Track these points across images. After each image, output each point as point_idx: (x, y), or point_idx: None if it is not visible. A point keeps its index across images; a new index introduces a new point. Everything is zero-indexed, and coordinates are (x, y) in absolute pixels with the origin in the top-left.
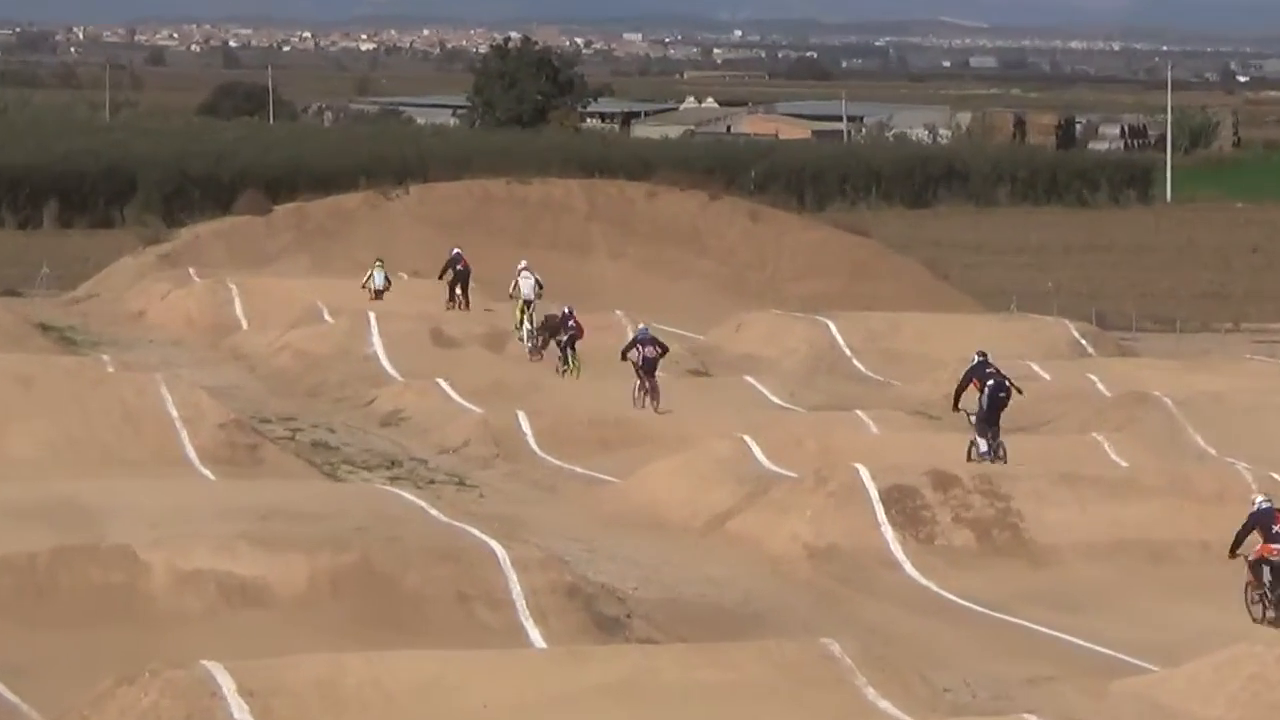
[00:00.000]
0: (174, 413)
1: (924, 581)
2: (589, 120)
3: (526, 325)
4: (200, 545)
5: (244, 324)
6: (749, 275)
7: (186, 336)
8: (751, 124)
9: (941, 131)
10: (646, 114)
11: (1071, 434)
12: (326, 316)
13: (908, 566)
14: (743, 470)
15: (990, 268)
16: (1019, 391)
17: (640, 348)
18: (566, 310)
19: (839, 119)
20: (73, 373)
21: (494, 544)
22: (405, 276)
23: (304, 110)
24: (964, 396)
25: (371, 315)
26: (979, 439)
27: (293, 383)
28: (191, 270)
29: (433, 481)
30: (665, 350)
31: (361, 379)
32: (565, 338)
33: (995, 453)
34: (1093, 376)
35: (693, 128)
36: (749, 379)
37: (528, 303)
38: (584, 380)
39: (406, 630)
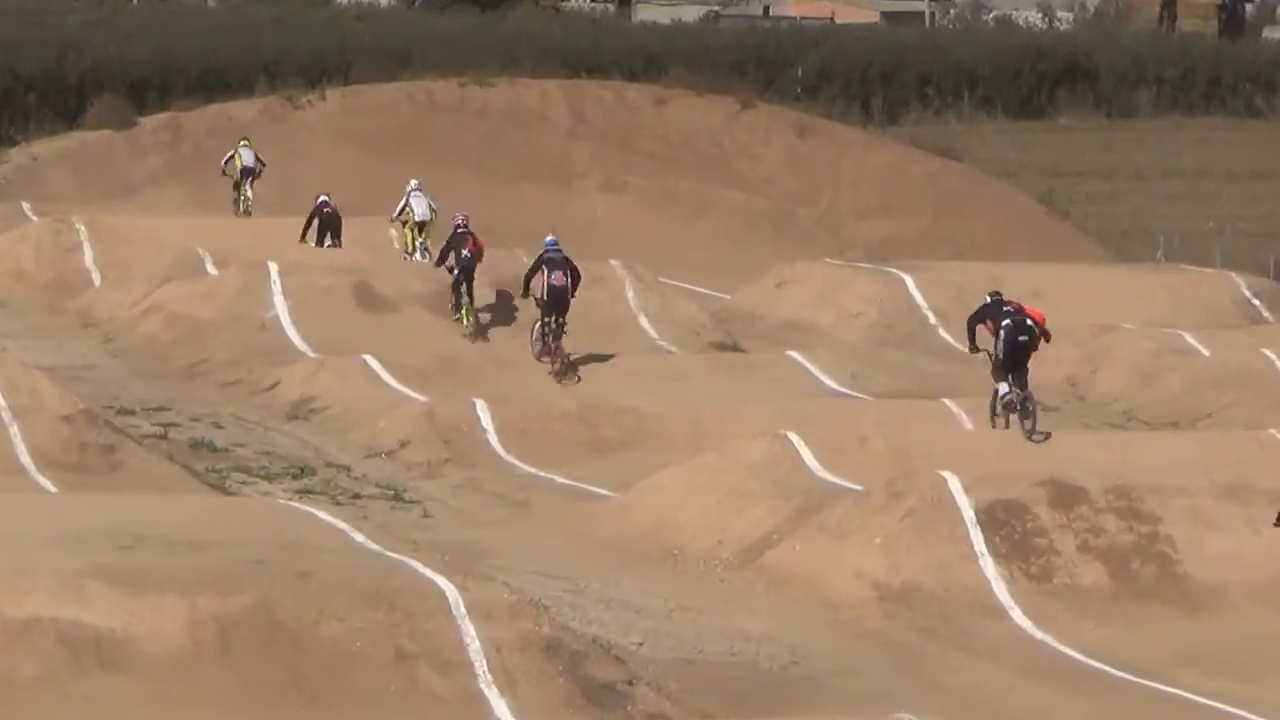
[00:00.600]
0: (0, 401)
1: (1039, 634)
2: None
3: (420, 243)
4: (36, 584)
5: (97, 279)
6: (795, 212)
7: (17, 296)
8: (798, 3)
9: (1060, 14)
10: None
11: (1241, 430)
12: (210, 268)
13: (1016, 613)
14: (787, 481)
15: (1127, 200)
16: (1046, 339)
17: (545, 272)
18: (459, 220)
19: None
20: None
21: (443, 583)
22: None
23: None
24: (978, 335)
25: (272, 267)
26: (999, 384)
27: (164, 360)
28: (25, 205)
29: (358, 496)
30: (578, 279)
31: (259, 354)
32: (453, 264)
33: (1025, 408)
34: (1270, 353)
35: (716, 8)
36: (795, 355)
37: (421, 224)
38: (569, 356)
39: (323, 702)
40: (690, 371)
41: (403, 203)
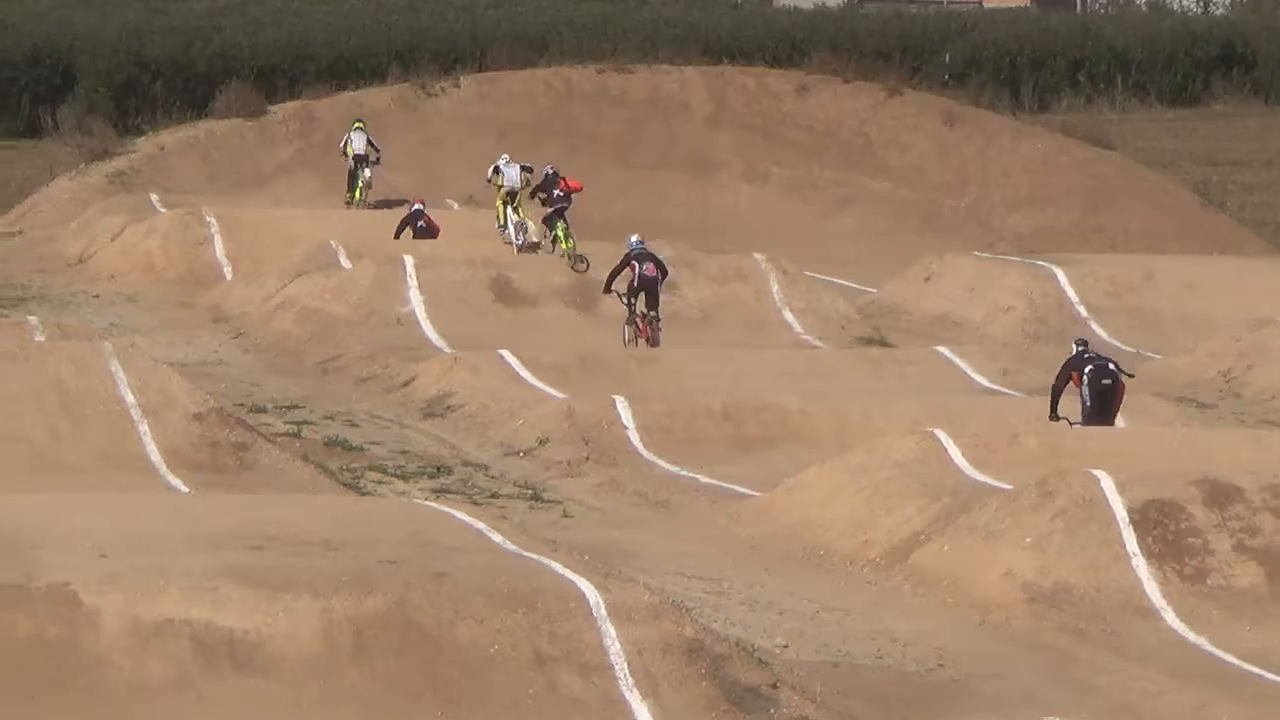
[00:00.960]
0: (130, 398)
1: (1193, 637)
2: None
3: (513, 216)
4: (169, 585)
5: (228, 272)
6: (943, 203)
7: (147, 290)
8: None
9: None
10: None
11: None
12: (344, 261)
13: (1169, 615)
14: (935, 479)
15: None
16: (1129, 376)
17: (635, 266)
18: (550, 170)
19: None
20: None
21: (584, 584)
22: (455, 205)
23: None
24: (1062, 398)
25: (408, 260)
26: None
27: (297, 356)
28: (154, 197)
29: (496, 495)
30: (666, 273)
31: (395, 350)
32: (551, 204)
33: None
34: None
35: None
36: (943, 350)
37: (512, 193)
38: (708, 349)
39: (460, 705)
40: (836, 367)
41: (492, 168)
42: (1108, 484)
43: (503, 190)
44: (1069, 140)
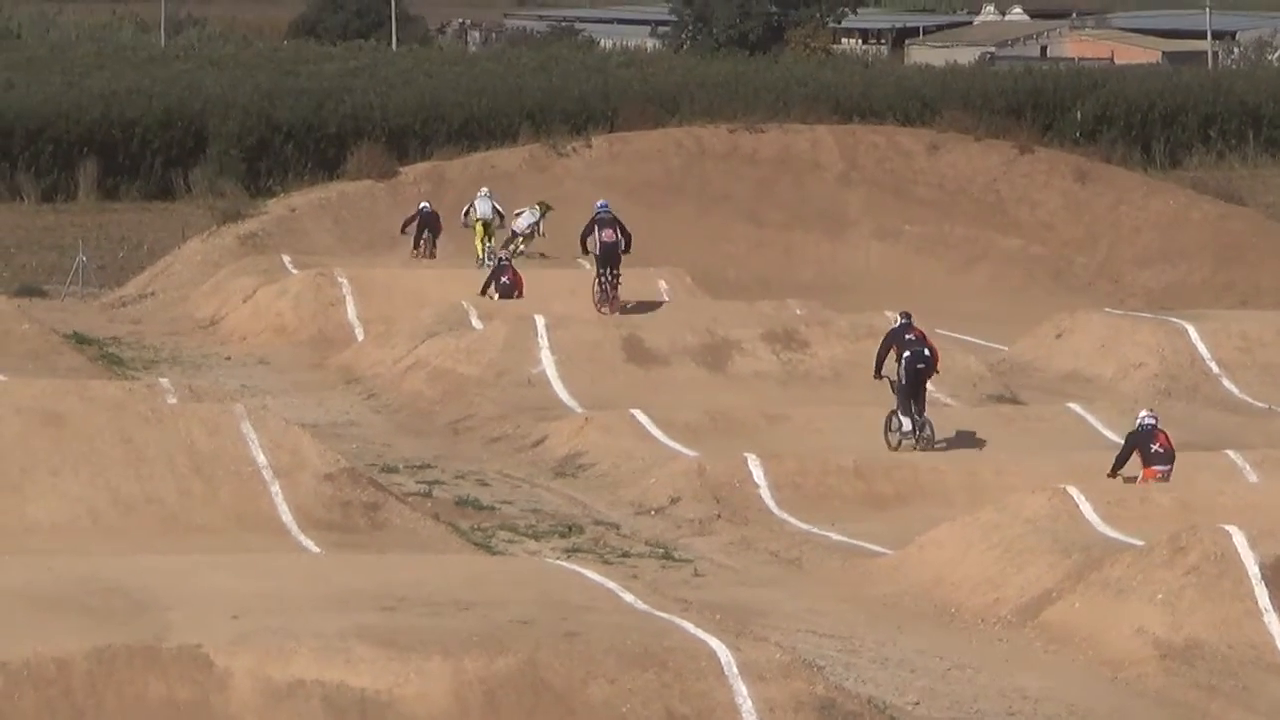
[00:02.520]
0: (262, 459)
1: None
2: (844, 41)
3: (487, 245)
4: (301, 646)
5: (359, 333)
6: (1074, 259)
7: (279, 352)
8: (1076, 44)
9: None
10: (926, 30)
11: None
12: (475, 322)
13: None
14: (1067, 536)
15: None
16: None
17: (597, 230)
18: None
19: (1202, 35)
20: (119, 404)
21: (715, 643)
22: (587, 266)
23: (440, 29)
24: (885, 364)
25: (540, 321)
26: (899, 415)
27: (428, 416)
28: (285, 259)
29: (627, 554)
30: (629, 237)
31: (525, 410)
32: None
33: (920, 431)
34: None
35: (992, 50)
36: (1074, 407)
37: (486, 223)
38: (840, 406)
39: None
40: (968, 424)
41: (468, 206)
42: (1239, 539)
43: (478, 223)
44: (1200, 196)
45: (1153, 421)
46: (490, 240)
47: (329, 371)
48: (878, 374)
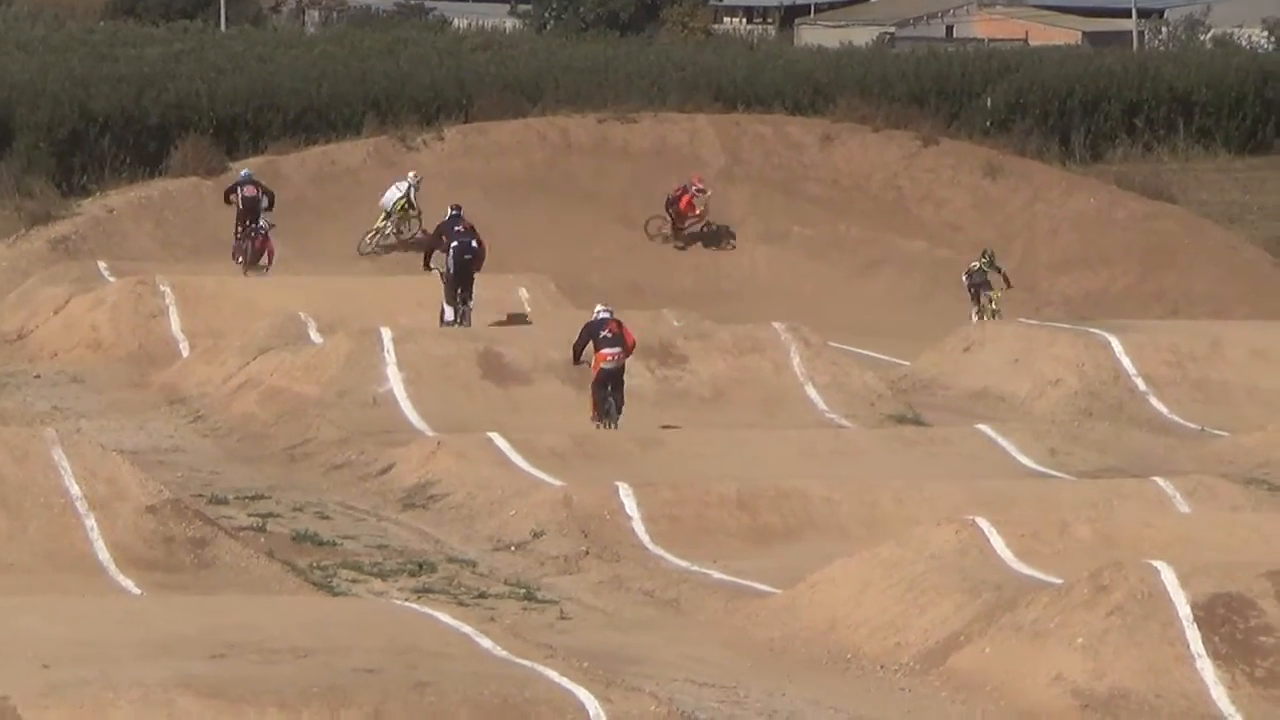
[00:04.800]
0: (75, 490)
1: None
2: (727, 20)
3: (383, 226)
4: (119, 699)
5: (184, 349)
6: None
7: (95, 369)
8: (986, 23)
9: None
10: (818, 8)
11: None
12: (314, 335)
13: None
14: (977, 574)
15: None
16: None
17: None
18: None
19: (1126, 14)
20: None
21: (583, 694)
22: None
23: (275, 8)
24: (435, 256)
25: (386, 334)
26: (446, 306)
27: (262, 441)
28: (101, 265)
29: (485, 595)
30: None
31: (371, 434)
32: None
33: (461, 321)
34: None
35: (892, 30)
36: (985, 429)
37: (388, 214)
38: (721, 429)
39: None
40: (865, 448)
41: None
42: (1169, 577)
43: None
44: (1125, 193)
45: (607, 314)
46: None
47: (150, 391)
48: (427, 266)
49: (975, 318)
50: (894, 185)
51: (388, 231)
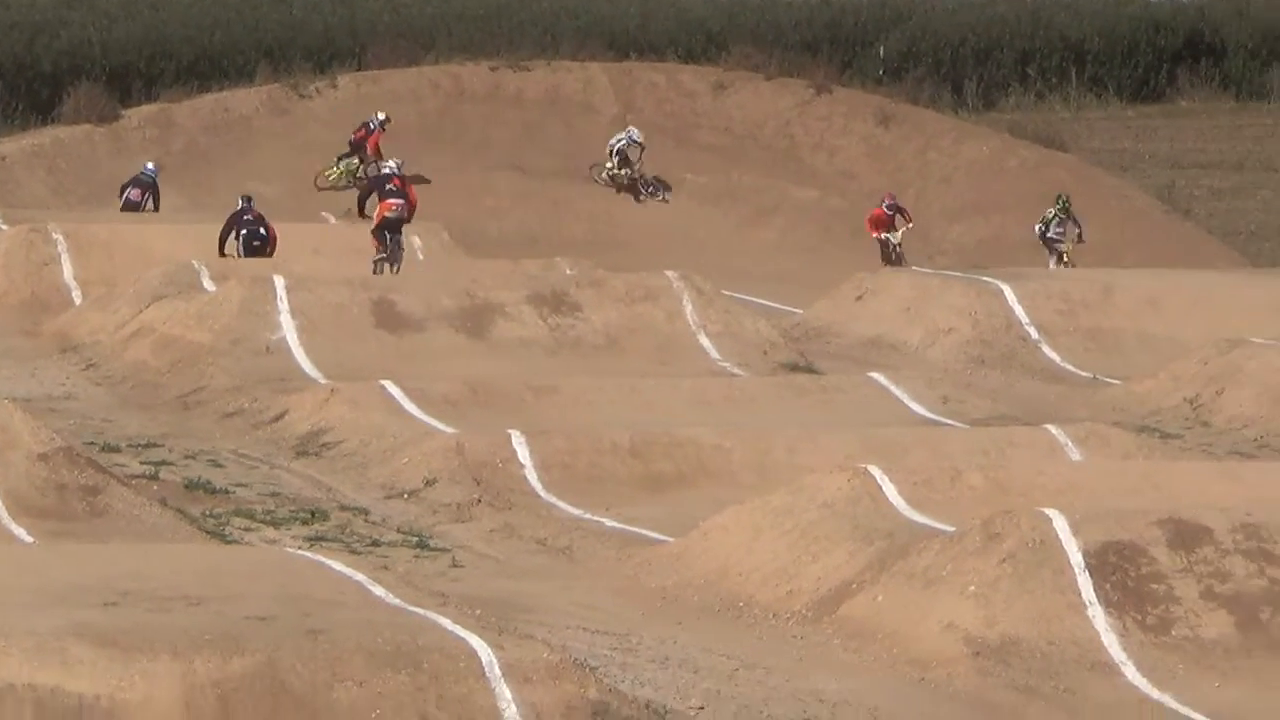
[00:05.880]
0: None
1: (1155, 694)
2: None
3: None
4: (11, 646)
5: (76, 296)
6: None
7: None
8: None
9: None
10: None
11: None
12: (207, 283)
13: (1129, 670)
14: (869, 522)
15: (1258, 195)
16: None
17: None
18: (393, 166)
19: None
20: None
21: (476, 641)
22: (331, 219)
23: None
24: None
25: (279, 282)
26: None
27: (155, 389)
28: None
29: (377, 543)
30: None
31: (264, 382)
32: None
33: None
34: None
35: None
36: (877, 377)
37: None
38: (614, 378)
39: None
40: (758, 396)
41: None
42: (1061, 524)
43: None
44: (1017, 141)
45: (391, 169)
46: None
47: (43, 339)
48: (221, 252)
49: (1052, 266)
50: (786, 133)
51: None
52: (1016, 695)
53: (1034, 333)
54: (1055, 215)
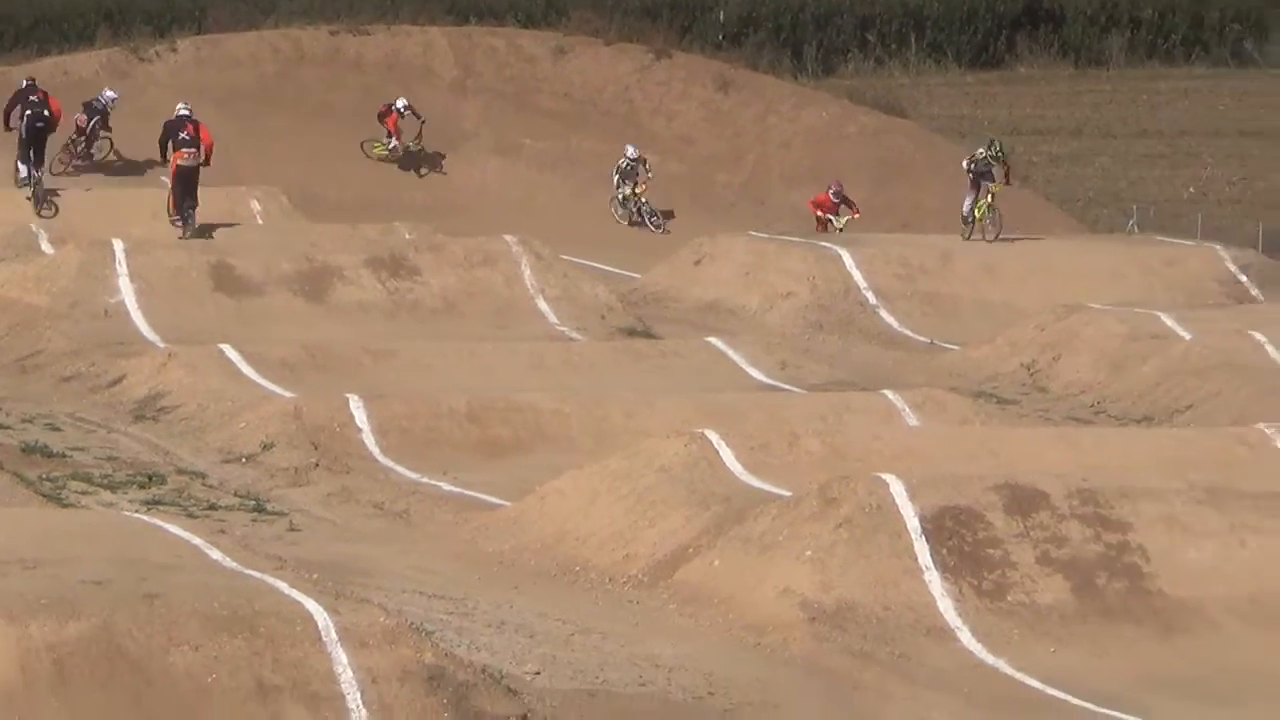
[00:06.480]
0: None
1: (991, 659)
2: None
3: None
4: None
5: None
6: (715, 177)
7: None
8: None
9: None
10: None
11: (1225, 425)
12: (45, 246)
13: (965, 635)
14: (706, 486)
15: (1096, 162)
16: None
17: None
18: (185, 111)
19: None
20: None
21: (312, 605)
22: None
23: None
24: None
25: (118, 245)
26: (20, 165)
27: None
28: None
29: (215, 507)
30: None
31: (102, 345)
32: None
33: (33, 185)
34: (1259, 335)
35: None
36: (715, 342)
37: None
38: (452, 341)
39: None
40: (595, 361)
41: None
42: (898, 489)
43: None
44: (856, 107)
45: (186, 113)
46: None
47: None
48: (6, 126)
49: (970, 208)
50: (626, 98)
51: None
52: (852, 660)
53: (872, 298)
54: (986, 156)
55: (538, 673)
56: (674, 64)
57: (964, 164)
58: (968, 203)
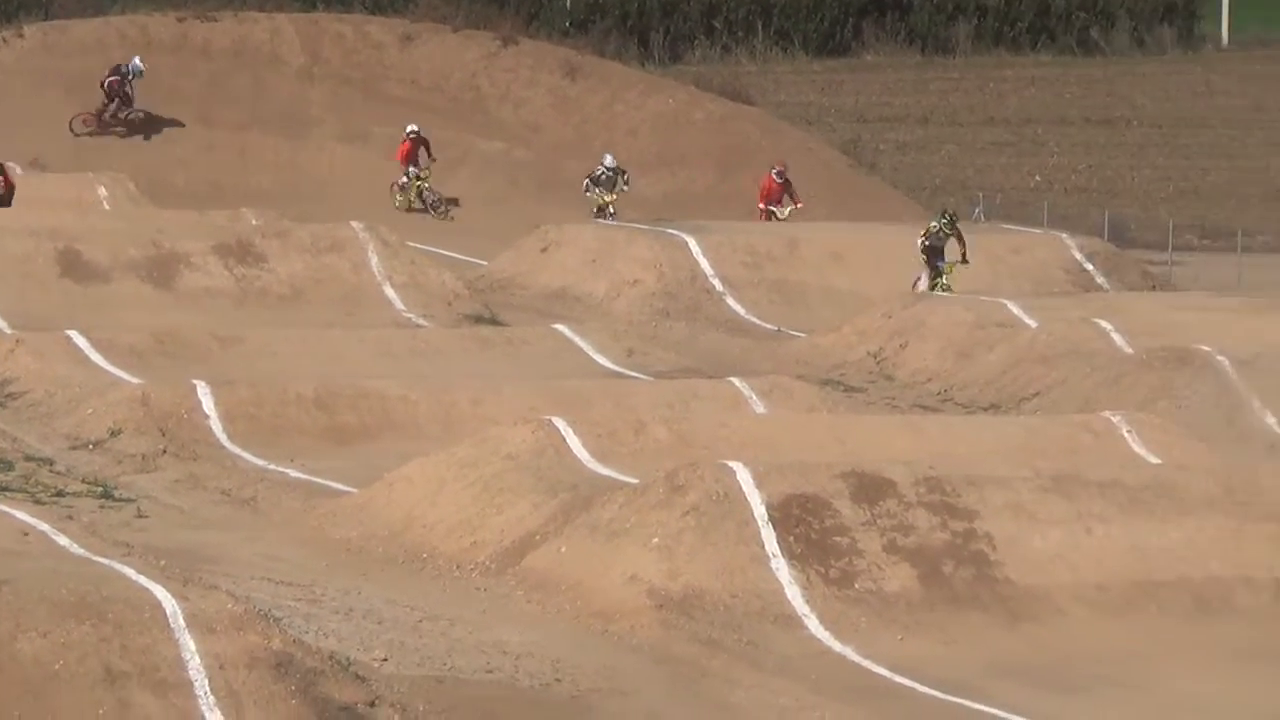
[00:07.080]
0: None
1: (839, 647)
2: None
3: None
4: None
5: None
6: (563, 165)
7: None
8: None
9: None
10: None
11: (1071, 413)
12: None
13: (812, 623)
14: (553, 474)
15: (942, 150)
16: None
17: None
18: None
19: None
20: None
21: (160, 591)
22: (18, 170)
23: None
24: None
25: None
26: None
27: None
28: None
29: (62, 493)
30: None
31: None
32: None
33: None
34: (1104, 323)
35: None
36: (562, 329)
37: None
38: (299, 328)
39: None
40: (442, 348)
41: None
42: (744, 477)
43: None
44: (703, 94)
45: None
46: None
47: None
48: None
49: (923, 286)
50: (473, 85)
51: None
52: (699, 647)
53: (719, 285)
54: (939, 229)
55: (385, 659)
56: (521, 51)
57: (917, 241)
58: (923, 282)
